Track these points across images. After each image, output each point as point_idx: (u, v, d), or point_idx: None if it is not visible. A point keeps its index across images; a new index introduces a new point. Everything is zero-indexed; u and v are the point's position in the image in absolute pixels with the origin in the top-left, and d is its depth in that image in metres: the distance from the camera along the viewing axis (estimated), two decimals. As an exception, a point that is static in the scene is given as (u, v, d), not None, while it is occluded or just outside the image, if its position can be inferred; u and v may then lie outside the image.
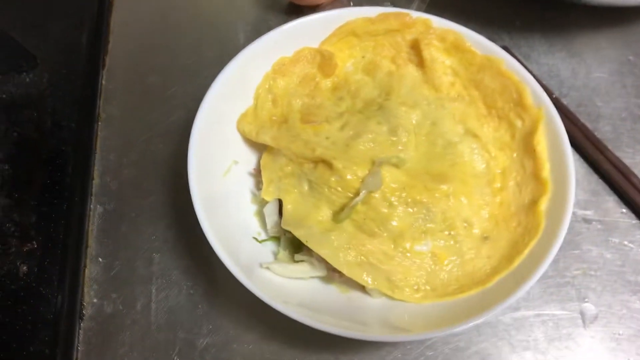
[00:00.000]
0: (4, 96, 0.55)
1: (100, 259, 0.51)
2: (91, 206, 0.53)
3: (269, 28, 0.52)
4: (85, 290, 0.49)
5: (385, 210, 0.46)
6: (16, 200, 0.50)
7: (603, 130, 0.56)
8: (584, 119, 0.56)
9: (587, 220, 0.51)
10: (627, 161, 0.54)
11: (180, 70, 0.61)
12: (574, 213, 0.52)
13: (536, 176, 0.47)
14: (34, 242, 0.48)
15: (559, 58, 0.61)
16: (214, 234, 0.43)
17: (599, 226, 0.51)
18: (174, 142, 0.55)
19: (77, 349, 0.46)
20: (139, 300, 0.48)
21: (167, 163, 0.50)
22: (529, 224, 0.46)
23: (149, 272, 0.50)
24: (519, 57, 0.60)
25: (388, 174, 0.47)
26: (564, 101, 0.58)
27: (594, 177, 0.54)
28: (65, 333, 0.46)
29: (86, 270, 0.50)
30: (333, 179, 0.47)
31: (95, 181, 0.55)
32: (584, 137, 0.55)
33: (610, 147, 0.54)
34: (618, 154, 0.54)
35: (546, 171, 0.47)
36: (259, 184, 0.50)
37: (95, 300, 0.49)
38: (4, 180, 0.51)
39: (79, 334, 0.47)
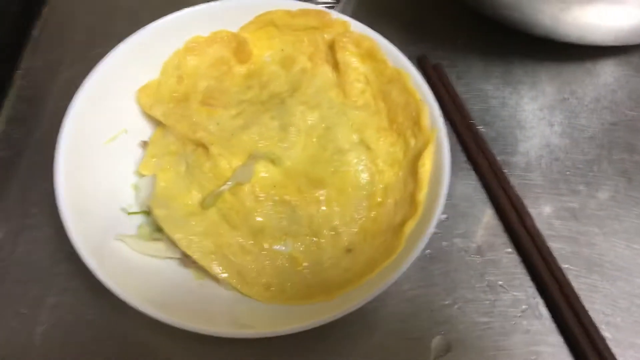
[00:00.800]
0: None
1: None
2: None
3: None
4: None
5: (250, 204, 0.46)
6: None
7: (515, 166, 0.54)
8: (498, 151, 0.55)
9: (468, 252, 0.50)
10: (530, 201, 0.52)
11: (111, 33, 0.58)
12: (456, 243, 0.51)
13: (412, 198, 0.46)
14: None
15: (493, 84, 0.59)
16: (67, 196, 0.43)
17: (479, 260, 0.50)
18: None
19: None
20: (4, 248, 0.49)
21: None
22: (391, 244, 0.45)
23: (22, 224, 0.50)
24: (450, 75, 0.58)
25: (264, 169, 0.47)
26: (483, 129, 0.56)
27: (490, 211, 0.52)
28: None
29: None
30: (207, 164, 0.47)
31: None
32: (489, 168, 0.53)
33: (516, 183, 0.53)
34: (523, 192, 0.52)
35: (422, 195, 0.45)
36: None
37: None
38: None
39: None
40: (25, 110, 0.57)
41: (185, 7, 0.52)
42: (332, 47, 0.53)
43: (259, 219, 0.46)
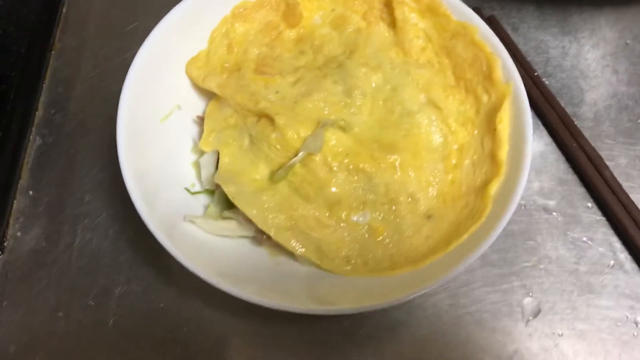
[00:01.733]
0: (-44, 13, 0.52)
1: (30, 192, 0.49)
2: (30, 138, 0.51)
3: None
4: (10, 222, 0.48)
5: (324, 175, 0.44)
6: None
7: (584, 117, 0.52)
8: (565, 103, 0.53)
9: (547, 210, 0.48)
10: (604, 153, 0.50)
11: (145, 5, 0.58)
12: (534, 201, 0.49)
13: (493, 157, 0.44)
14: (-37, 168, 0.47)
15: (551, 34, 0.56)
16: (134, 181, 0.40)
17: (560, 218, 0.48)
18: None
19: (-7, 281, 0.45)
20: (63, 239, 0.47)
21: (114, 101, 0.47)
22: (476, 206, 0.43)
23: (77, 212, 0.48)
24: (505, 27, 0.56)
25: (334, 137, 0.44)
26: (547, 81, 0.54)
27: (565, 166, 0.50)
28: (-18, 264, 0.45)
29: (14, 202, 0.48)
30: (273, 136, 0.44)
31: (39, 112, 0.53)
32: (560, 122, 0.51)
33: (587, 135, 0.51)
34: (596, 143, 0.50)
35: (503, 152, 0.43)
36: (202, 133, 0.48)
37: (18, 234, 0.47)
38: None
39: (-4, 267, 0.46)
40: (64, 93, 0.54)
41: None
42: (387, 3, 0.50)
43: (334, 189, 0.43)
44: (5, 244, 0.47)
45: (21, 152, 0.50)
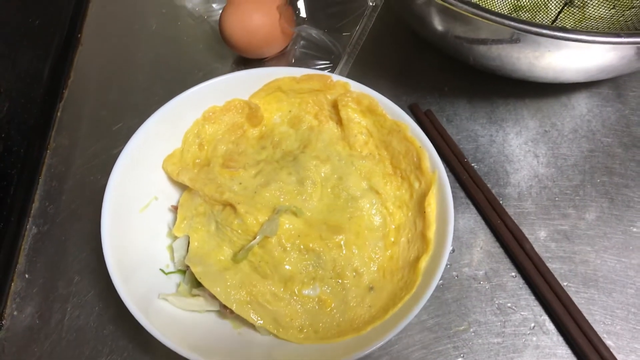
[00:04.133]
0: (-36, 120, 0.61)
1: (26, 275, 0.56)
2: (27, 227, 0.58)
3: (217, 75, 0.57)
4: (8, 302, 0.54)
5: (279, 255, 0.51)
6: (-41, 216, 0.55)
7: (509, 197, 0.60)
8: (492, 185, 0.61)
9: (476, 280, 0.55)
10: (526, 227, 0.57)
11: (129, 107, 0.66)
12: (465, 272, 0.56)
13: (423, 235, 0.51)
14: (-32, 255, 0.54)
15: (480, 124, 0.65)
16: (115, 264, 0.47)
17: (487, 286, 0.55)
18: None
19: (-9, 356, 0.51)
20: (54, 316, 0.53)
21: (101, 193, 0.54)
22: (409, 279, 0.50)
23: (67, 292, 0.55)
24: (441, 119, 0.64)
25: (287, 221, 0.52)
26: (476, 166, 0.62)
27: (492, 240, 0.58)
28: (-18, 340, 0.51)
29: (12, 285, 0.55)
30: (236, 222, 0.52)
31: (35, 204, 0.60)
32: (487, 202, 0.59)
33: (512, 212, 0.58)
34: (519, 220, 0.58)
35: (432, 232, 0.51)
36: (175, 220, 0.55)
37: (15, 313, 0.54)
38: (-48, 197, 0.56)
39: (-5, 343, 0.52)
40: (57, 187, 0.62)
41: (194, 81, 0.57)
42: (335, 105, 0.58)
43: (287, 267, 0.51)
44: (3, 322, 0.53)
45: (19, 240, 0.57)
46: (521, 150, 0.63)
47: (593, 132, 0.64)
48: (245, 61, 0.70)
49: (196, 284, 0.51)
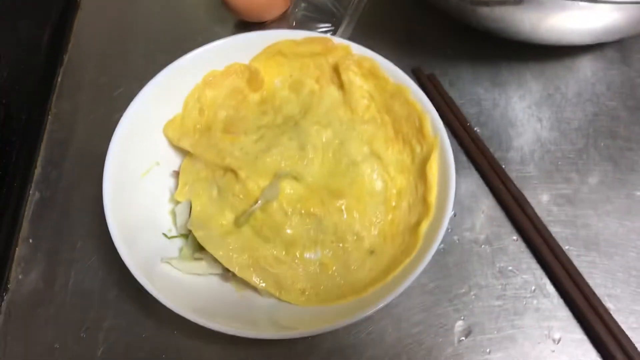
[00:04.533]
0: (-35, 86, 0.60)
1: (30, 240, 0.56)
2: (30, 192, 0.59)
3: (218, 40, 0.57)
4: (13, 267, 0.55)
5: (281, 219, 0.51)
6: (-38, 181, 0.56)
7: (511, 161, 0.60)
8: (494, 149, 0.60)
9: (477, 244, 0.55)
10: (529, 192, 0.57)
11: (130, 73, 0.66)
12: (466, 236, 0.56)
13: (424, 200, 0.51)
14: (-28, 220, 0.54)
15: (483, 87, 0.64)
16: (117, 228, 0.48)
17: (489, 250, 0.55)
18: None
19: (-2, 317, 0.52)
20: (59, 280, 0.54)
21: (103, 159, 0.54)
22: (410, 243, 0.50)
23: (71, 256, 0.55)
24: (443, 83, 0.64)
25: (288, 186, 0.52)
26: (479, 130, 0.61)
27: (493, 204, 0.57)
28: (-12, 304, 0.52)
29: (16, 250, 0.56)
30: (237, 187, 0.52)
31: (37, 170, 0.60)
32: (489, 166, 0.58)
33: (514, 177, 0.58)
34: (521, 184, 0.58)
35: (432, 196, 0.51)
36: (177, 185, 0.55)
37: (20, 277, 0.54)
38: (-46, 162, 0.56)
39: (1, 305, 0.53)
40: (59, 152, 0.62)
41: (194, 45, 0.57)
42: (336, 69, 0.58)
43: (289, 231, 0.51)
44: (8, 286, 0.54)
45: (22, 206, 0.58)
46: (524, 114, 0.63)
47: (597, 96, 0.63)
48: (246, 25, 0.69)
49: (199, 247, 0.51)
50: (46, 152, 0.62)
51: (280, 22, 0.69)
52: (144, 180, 0.54)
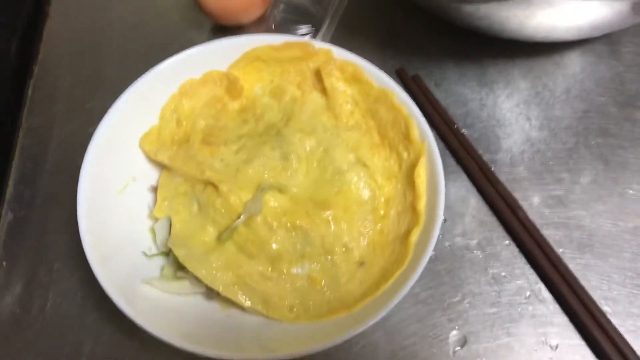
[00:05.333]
0: None
1: (4, 264, 0.54)
2: (2, 213, 0.56)
3: (194, 45, 0.55)
4: (-14, 293, 0.52)
5: (265, 234, 0.49)
6: None
7: (501, 163, 0.58)
8: (483, 150, 0.59)
9: (469, 249, 0.54)
10: (519, 194, 0.56)
11: (103, 83, 0.63)
12: (457, 242, 0.54)
13: (413, 208, 0.50)
14: (-60, 245, 0.52)
15: (469, 87, 0.63)
16: (92, 249, 0.45)
17: (481, 256, 0.53)
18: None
19: (-29, 349, 0.50)
20: (35, 304, 0.51)
21: (79, 174, 0.52)
22: (400, 253, 0.48)
23: (48, 279, 0.53)
24: (428, 84, 0.62)
25: (272, 199, 0.50)
26: (466, 132, 0.60)
27: (484, 208, 0.56)
28: (-40, 333, 0.49)
29: (-11, 274, 0.53)
30: (218, 201, 0.50)
31: (9, 189, 0.58)
32: (478, 169, 0.57)
33: (504, 179, 0.57)
34: (512, 186, 0.56)
35: (422, 203, 0.49)
36: (156, 201, 0.53)
37: (-6, 303, 0.52)
38: None
39: (-25, 334, 0.50)
40: (32, 169, 0.59)
41: (170, 52, 0.55)
42: (318, 74, 0.56)
43: (274, 246, 0.49)
44: (-18, 313, 0.51)
45: (-6, 228, 0.55)
46: (512, 114, 0.61)
47: (587, 92, 0.62)
48: (223, 29, 0.66)
49: (181, 266, 0.49)
50: (19, 169, 0.59)
51: (259, 24, 0.67)
52: (121, 197, 0.51)
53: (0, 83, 0.62)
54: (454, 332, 0.50)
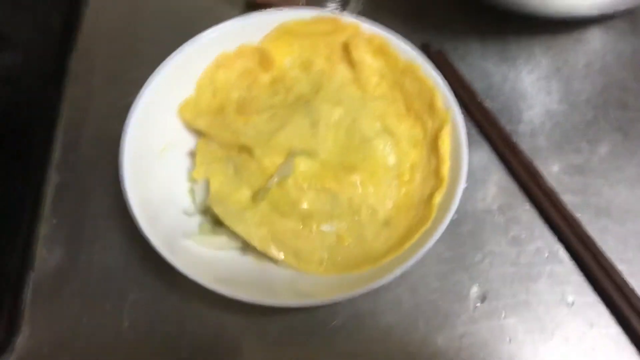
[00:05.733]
0: (-16, 73, 0.61)
1: (54, 221, 0.57)
2: (50, 175, 0.60)
3: (227, 20, 0.58)
4: (38, 246, 0.56)
5: (296, 194, 0.52)
6: (-15, 165, 0.57)
7: (522, 133, 0.60)
8: (505, 122, 0.61)
9: (491, 213, 0.56)
10: (539, 162, 0.58)
11: (141, 56, 0.67)
12: (479, 206, 0.57)
13: (437, 172, 0.52)
14: (-4, 204, 0.56)
15: (492, 62, 0.65)
16: (138, 205, 0.49)
17: (502, 219, 0.56)
18: (127, 121, 0.61)
19: (27, 295, 0.54)
20: (83, 257, 0.55)
21: (118, 141, 0.55)
22: (424, 214, 0.51)
23: (94, 235, 0.56)
24: (453, 59, 0.64)
25: (302, 163, 0.53)
26: (489, 104, 0.62)
27: (505, 175, 0.58)
28: (17, 281, 0.53)
29: (40, 229, 0.57)
30: (253, 165, 0.53)
31: (57, 153, 0.61)
32: (500, 138, 0.59)
33: (525, 148, 0.59)
34: (532, 155, 0.58)
35: (445, 168, 0.52)
36: (194, 165, 0.56)
37: (45, 256, 0.56)
38: (-23, 148, 0.58)
39: (29, 283, 0.54)
40: (76, 135, 0.63)
41: (203, 27, 0.57)
42: (346, 47, 0.58)
43: (305, 206, 0.52)
44: (35, 264, 0.55)
45: (44, 187, 0.59)
46: (534, 88, 0.63)
47: (607, 67, 0.64)
48: (255, 5, 0.69)
49: (218, 223, 0.53)
50: (63, 136, 0.63)
51: (288, 1, 0.69)
52: (161, 160, 0.55)
53: (45, 56, 0.65)
54: (475, 289, 0.53)
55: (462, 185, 0.49)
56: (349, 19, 0.58)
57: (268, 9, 0.59)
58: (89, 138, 0.63)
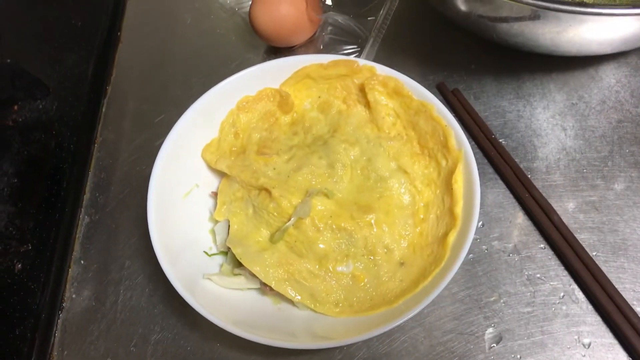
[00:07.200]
0: (20, 120, 0.65)
1: (82, 262, 0.60)
2: (80, 216, 0.63)
3: (250, 65, 0.60)
4: (67, 287, 0.59)
5: (313, 235, 0.54)
6: (19, 209, 0.60)
7: (537, 170, 0.61)
8: (520, 159, 0.62)
9: (506, 252, 0.57)
10: (554, 200, 0.59)
11: (169, 100, 0.70)
12: (494, 245, 0.57)
13: (451, 211, 0.53)
14: (29, 245, 0.58)
15: (507, 100, 0.66)
16: (161, 248, 0.51)
17: (517, 259, 0.56)
18: (155, 164, 0.64)
19: (55, 335, 0.56)
20: (109, 298, 0.58)
21: (147, 182, 0.58)
22: (438, 253, 0.52)
23: (119, 275, 0.59)
24: (468, 97, 0.66)
25: (319, 203, 0.55)
26: (504, 142, 0.63)
27: (520, 213, 0.59)
28: (46, 321, 0.56)
29: (70, 270, 0.60)
30: (271, 205, 0.55)
31: (86, 195, 0.65)
32: (515, 176, 0.60)
33: (540, 186, 0.59)
34: (547, 193, 0.59)
35: (459, 207, 0.53)
36: (216, 206, 0.59)
37: (74, 296, 0.58)
38: (12, 192, 0.61)
39: (57, 323, 0.57)
40: (105, 178, 0.66)
41: (228, 71, 0.60)
42: (362, 89, 0.60)
43: (321, 246, 0.54)
44: (63, 304, 0.58)
45: (73, 229, 0.62)
46: (548, 124, 0.64)
47: (621, 103, 0.64)
48: (276, 50, 0.72)
49: (237, 264, 0.54)
50: (94, 178, 0.66)
51: (309, 46, 0.72)
52: (185, 202, 0.57)
53: (78, 102, 0.69)
54: (490, 330, 0.53)
55: (475, 224, 0.50)
56: (365, 62, 0.60)
57: (288, 55, 0.61)
58: (118, 180, 0.66)
